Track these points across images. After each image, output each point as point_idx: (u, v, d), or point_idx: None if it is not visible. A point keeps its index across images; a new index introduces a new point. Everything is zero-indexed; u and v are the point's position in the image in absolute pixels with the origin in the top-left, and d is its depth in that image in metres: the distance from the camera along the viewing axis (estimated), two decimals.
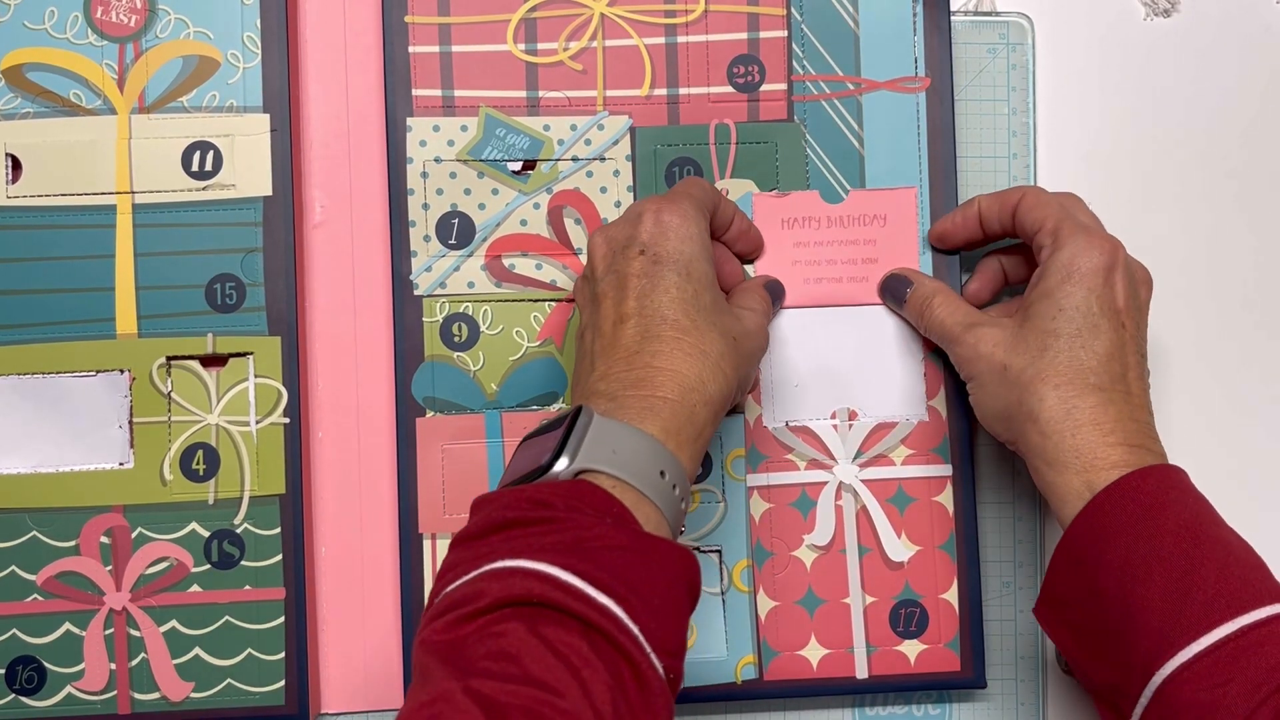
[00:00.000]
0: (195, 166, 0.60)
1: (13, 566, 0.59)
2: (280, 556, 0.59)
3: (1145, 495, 0.49)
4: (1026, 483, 0.63)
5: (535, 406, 0.61)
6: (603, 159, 0.62)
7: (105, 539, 0.59)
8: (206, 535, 0.59)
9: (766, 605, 0.61)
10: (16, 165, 0.60)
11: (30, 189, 0.60)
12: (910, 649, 0.61)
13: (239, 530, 0.60)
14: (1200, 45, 0.66)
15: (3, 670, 0.59)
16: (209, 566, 0.59)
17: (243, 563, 0.59)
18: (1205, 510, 0.50)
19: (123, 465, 0.60)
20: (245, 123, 0.60)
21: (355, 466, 0.61)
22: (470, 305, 0.61)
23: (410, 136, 0.61)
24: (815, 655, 0.61)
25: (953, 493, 0.61)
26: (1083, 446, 0.51)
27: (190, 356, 0.60)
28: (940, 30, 0.62)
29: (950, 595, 0.61)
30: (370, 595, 0.61)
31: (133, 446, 0.60)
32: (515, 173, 0.61)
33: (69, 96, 0.60)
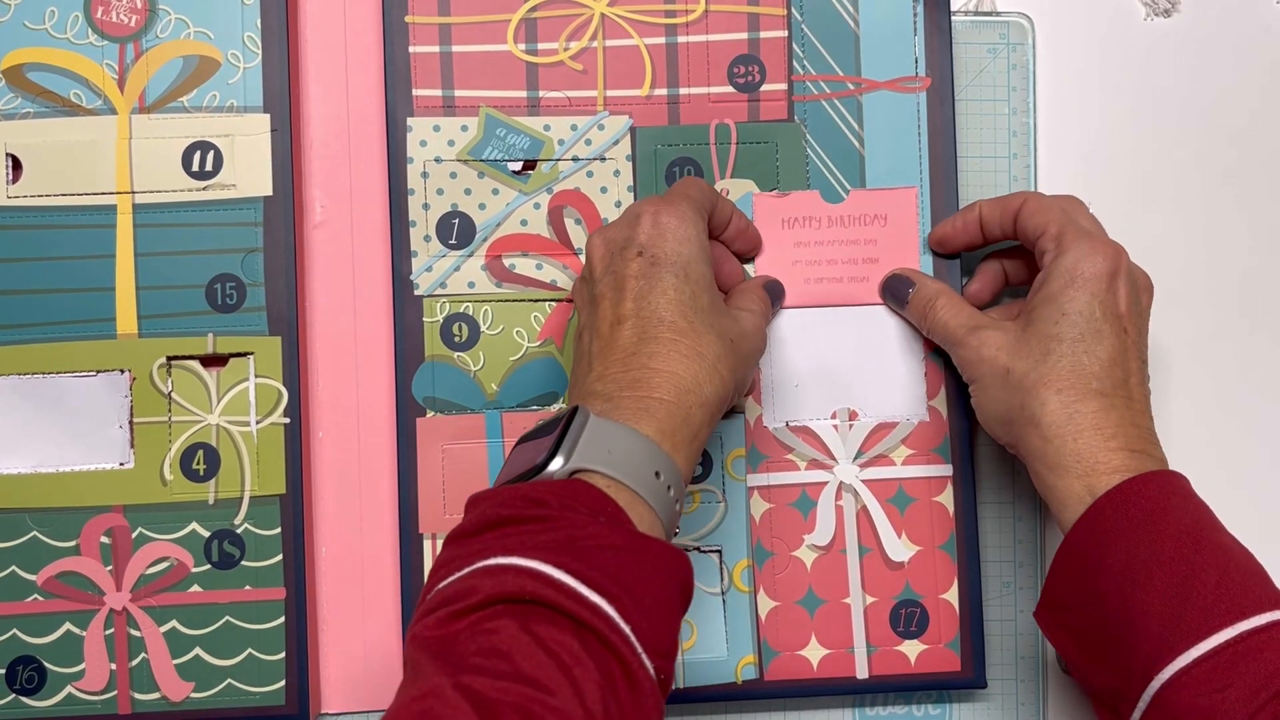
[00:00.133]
0: (195, 166, 0.60)
1: (13, 566, 0.59)
2: (280, 556, 0.59)
3: (1146, 500, 0.49)
4: (1026, 483, 0.63)
5: (535, 407, 0.61)
6: (603, 159, 0.62)
7: (105, 539, 0.59)
8: (207, 535, 0.59)
9: (767, 605, 0.61)
10: (17, 165, 0.60)
11: (30, 189, 0.60)
12: (910, 649, 0.61)
13: (239, 530, 0.59)
14: (1200, 45, 0.66)
15: (3, 670, 0.59)
16: (209, 566, 0.59)
17: (243, 563, 0.59)
18: (1206, 516, 0.50)
19: (123, 465, 0.60)
20: (245, 123, 0.60)
21: (355, 466, 0.61)
22: (470, 305, 0.61)
23: (410, 136, 0.61)
24: (815, 655, 0.61)
25: (953, 493, 0.61)
26: (1084, 451, 0.51)
27: (190, 356, 0.60)
28: (940, 30, 0.62)
29: (950, 595, 0.61)
30: (370, 595, 0.61)
31: (133, 446, 0.60)
32: (515, 173, 0.61)
33: (69, 96, 0.60)
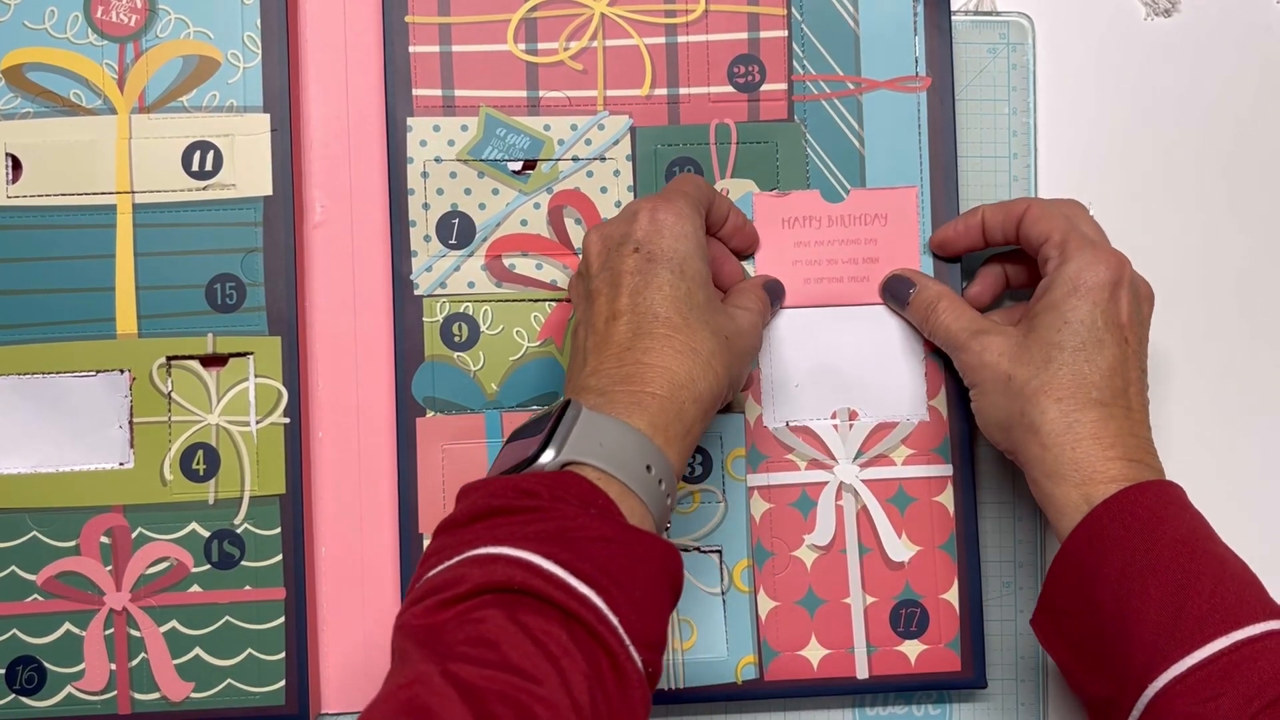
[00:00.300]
0: (195, 166, 0.60)
1: (13, 566, 0.59)
2: (280, 556, 0.59)
3: (1143, 510, 0.50)
4: (1026, 484, 0.63)
5: (535, 406, 0.61)
6: (603, 159, 0.62)
7: (105, 539, 0.59)
8: (206, 535, 0.59)
9: (767, 605, 0.61)
10: (16, 165, 0.60)
11: (30, 189, 0.60)
12: (911, 649, 0.61)
13: (239, 530, 0.59)
14: (1200, 45, 0.66)
15: (3, 670, 0.59)
16: (209, 566, 0.59)
17: (243, 563, 0.59)
18: (1201, 526, 0.50)
19: (123, 465, 0.60)
20: (245, 122, 0.60)
21: (355, 466, 0.61)
22: (470, 305, 0.61)
23: (410, 136, 0.61)
24: (816, 655, 0.61)
25: (953, 493, 0.61)
26: (1082, 460, 0.52)
27: (190, 356, 0.60)
28: (941, 30, 0.62)
29: (951, 595, 0.61)
30: (370, 595, 0.61)
31: (133, 446, 0.60)
32: (515, 172, 0.61)
33: (69, 96, 0.60)
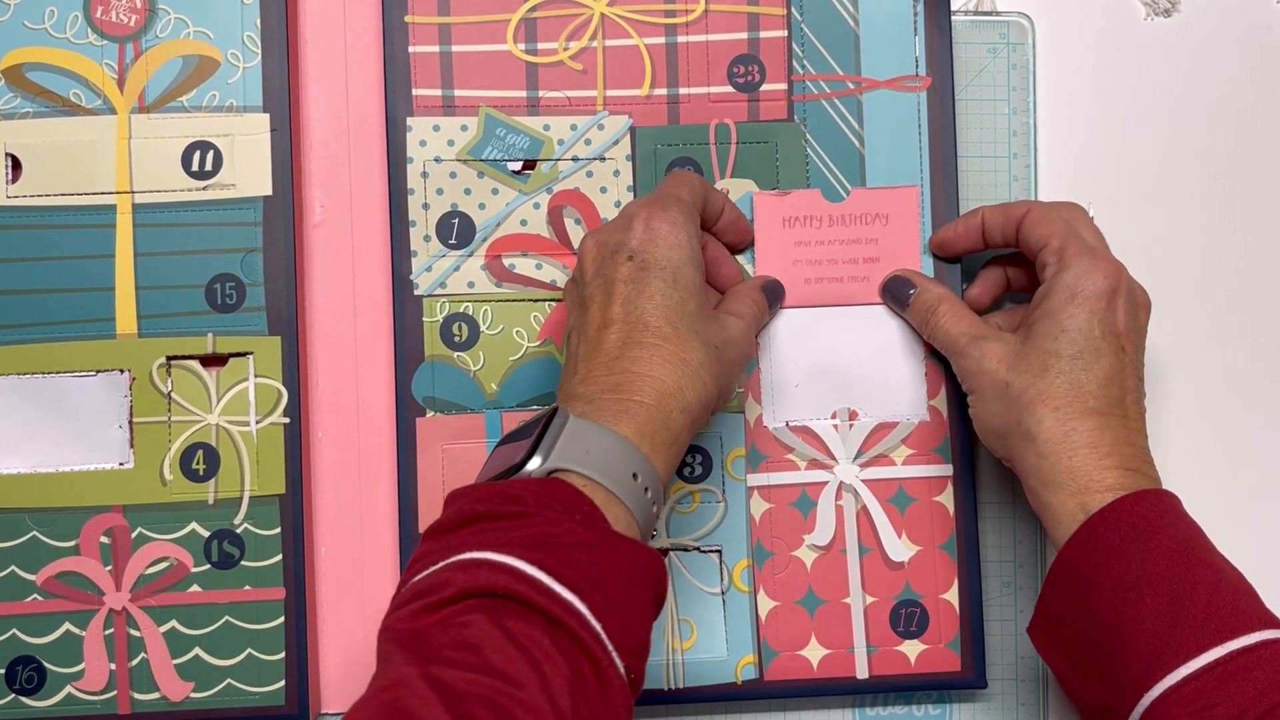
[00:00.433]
0: (195, 166, 0.60)
1: (13, 566, 0.59)
2: (280, 556, 0.59)
3: (1139, 518, 0.50)
4: None
5: (535, 406, 0.61)
6: (603, 159, 0.62)
7: (105, 539, 0.59)
8: (206, 535, 0.59)
9: (767, 605, 0.61)
10: (16, 165, 0.60)
11: (30, 189, 0.60)
12: (911, 649, 0.61)
13: (239, 530, 0.59)
14: (1200, 45, 0.66)
15: (3, 670, 0.59)
16: (209, 566, 0.59)
17: (243, 563, 0.59)
18: (1197, 535, 0.51)
19: (123, 465, 0.60)
20: (245, 122, 0.60)
21: (355, 466, 0.61)
22: (470, 305, 0.61)
23: (410, 136, 0.61)
24: (815, 655, 0.61)
25: (953, 493, 0.61)
26: (1078, 469, 0.52)
27: (190, 356, 0.60)
28: (941, 30, 0.62)
29: (951, 595, 0.61)
30: (370, 595, 0.61)
31: (133, 446, 0.60)
32: (515, 172, 0.61)
33: (69, 96, 0.60)
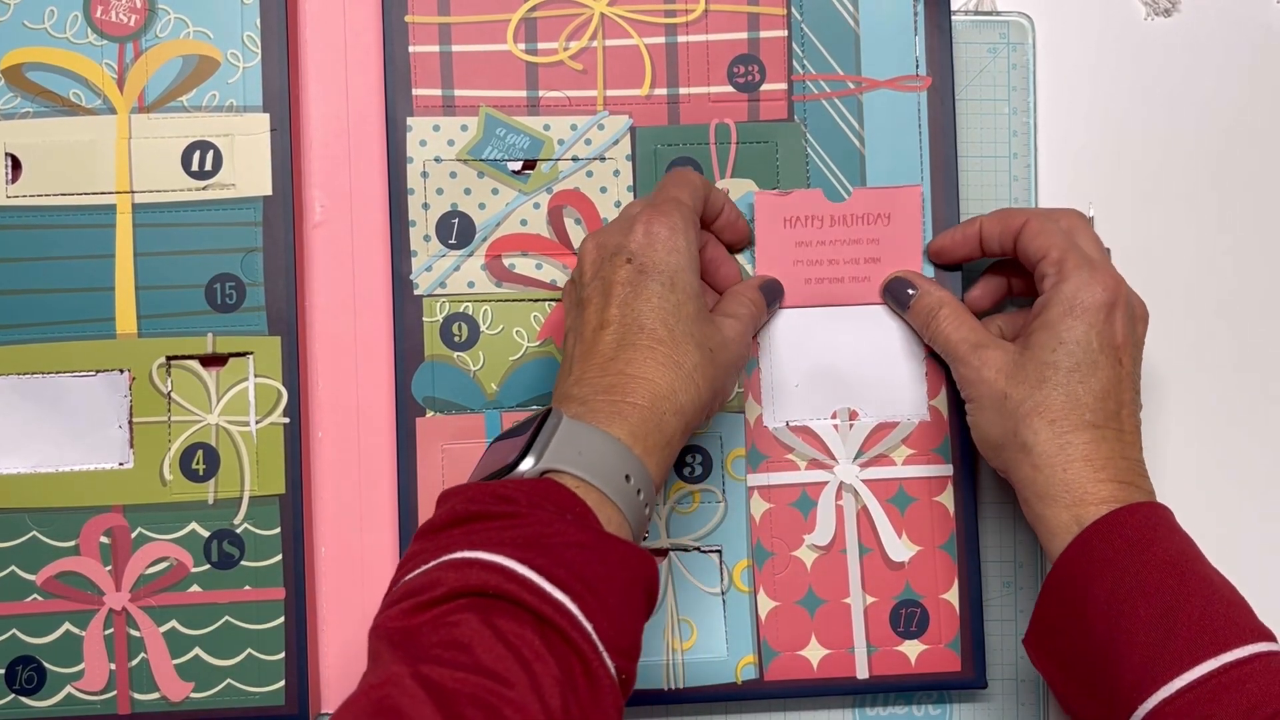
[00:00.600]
0: (195, 166, 0.60)
1: (12, 566, 0.59)
2: (280, 556, 0.59)
3: (1132, 531, 0.50)
4: None
5: (535, 406, 0.61)
6: (603, 159, 0.62)
7: (105, 539, 0.59)
8: (206, 535, 0.59)
9: (767, 605, 0.61)
10: (16, 165, 0.60)
11: (30, 189, 0.60)
12: (911, 649, 0.61)
13: (239, 530, 0.59)
14: (1200, 45, 0.66)
15: (2, 670, 0.59)
16: (209, 566, 0.59)
17: (243, 563, 0.59)
18: (1190, 548, 0.51)
19: (122, 465, 0.60)
20: (245, 122, 0.60)
21: (355, 466, 0.61)
22: (470, 305, 0.61)
23: (410, 136, 0.61)
24: (816, 655, 0.61)
25: (953, 493, 0.61)
26: (1073, 481, 0.52)
27: (190, 356, 0.60)
28: (941, 30, 0.62)
29: (951, 595, 0.61)
30: (370, 595, 0.61)
31: (132, 446, 0.60)
32: (515, 172, 0.61)
33: (69, 96, 0.60)
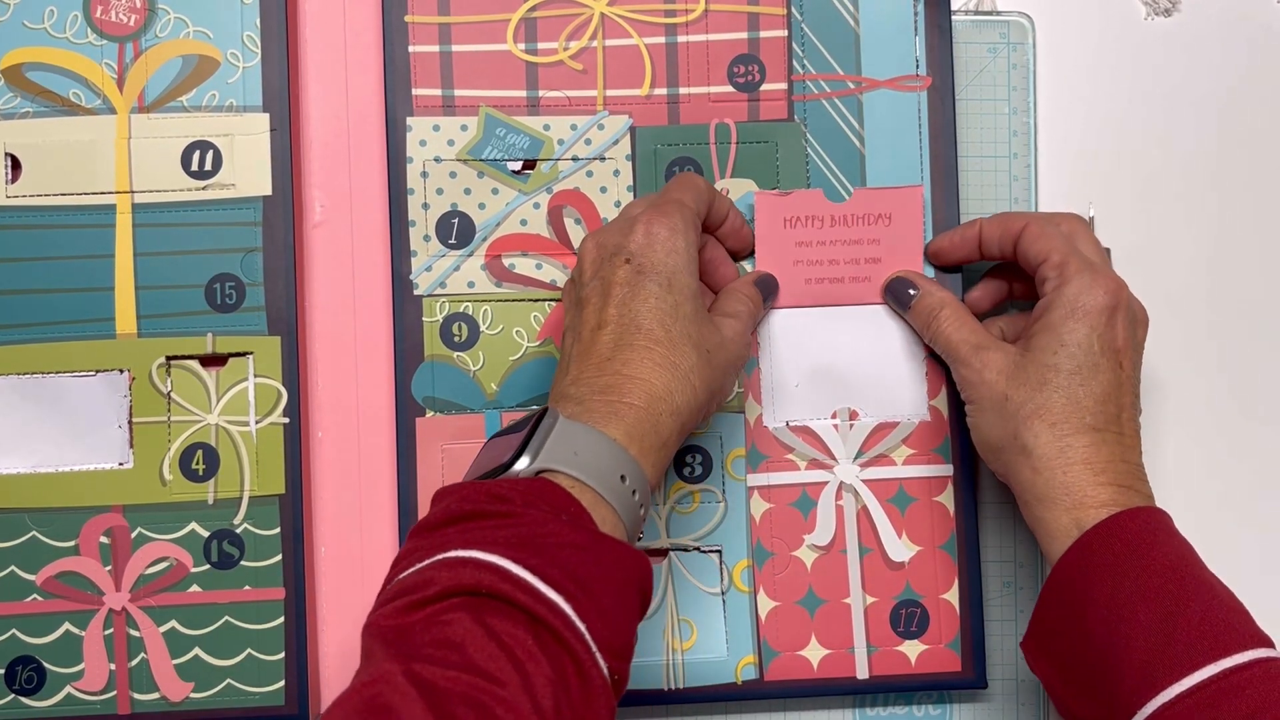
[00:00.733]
0: (195, 166, 0.60)
1: (12, 566, 0.59)
2: (280, 556, 0.59)
3: (1132, 535, 0.50)
4: None
5: (535, 407, 0.61)
6: (603, 159, 0.62)
7: (105, 539, 0.59)
8: (206, 535, 0.59)
9: (767, 605, 0.61)
10: (16, 165, 0.60)
11: (30, 189, 0.60)
12: (911, 649, 0.61)
13: (239, 530, 0.59)
14: (1201, 45, 0.66)
15: (2, 670, 0.58)
16: (209, 566, 0.59)
17: (242, 563, 0.59)
18: (1189, 553, 0.51)
19: (122, 465, 0.60)
20: (245, 122, 0.60)
21: (355, 466, 0.61)
22: (470, 305, 0.61)
23: (410, 136, 0.61)
24: (816, 655, 0.61)
25: (954, 493, 0.61)
26: (1073, 484, 0.52)
27: (190, 356, 0.60)
28: (941, 29, 0.62)
29: (951, 595, 0.61)
30: (370, 595, 0.61)
31: (132, 446, 0.60)
32: (515, 172, 0.61)
33: (68, 96, 0.60)
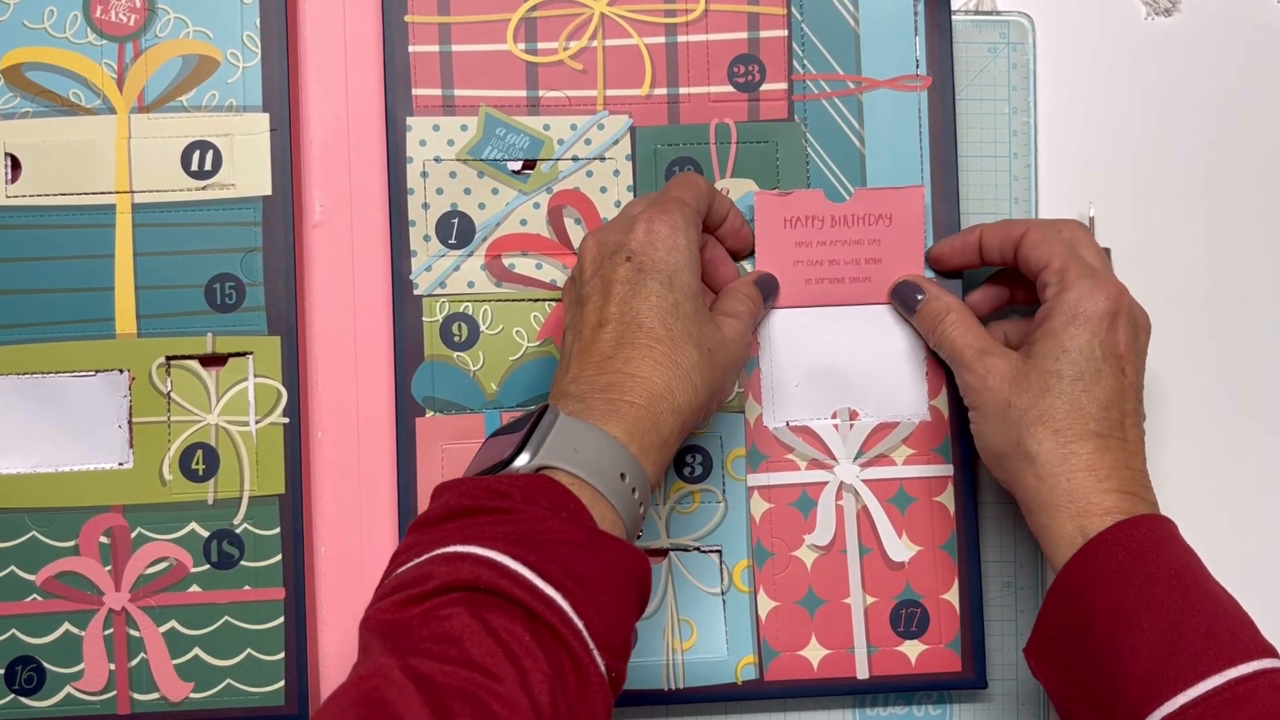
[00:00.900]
0: (195, 166, 0.60)
1: (12, 566, 0.59)
2: (280, 556, 0.59)
3: (1137, 543, 0.50)
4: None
5: (534, 407, 0.61)
6: (603, 158, 0.62)
7: (105, 539, 0.59)
8: (206, 535, 0.59)
9: (767, 605, 0.61)
10: (16, 165, 0.60)
11: (30, 188, 0.60)
12: (911, 649, 0.61)
13: (238, 530, 0.59)
14: (1201, 45, 0.66)
15: (2, 670, 0.58)
16: (208, 566, 0.59)
17: (242, 563, 0.59)
18: (1194, 561, 0.51)
19: (122, 465, 0.60)
20: (245, 122, 0.60)
21: (355, 466, 0.61)
22: (470, 305, 0.61)
23: (410, 136, 0.61)
24: (816, 655, 0.61)
25: (954, 493, 0.61)
26: (1077, 492, 0.52)
27: (190, 356, 0.60)
28: (941, 29, 0.62)
29: (951, 595, 0.61)
30: (370, 595, 0.61)
31: (132, 446, 0.60)
32: (515, 172, 0.61)
33: (68, 96, 0.60)
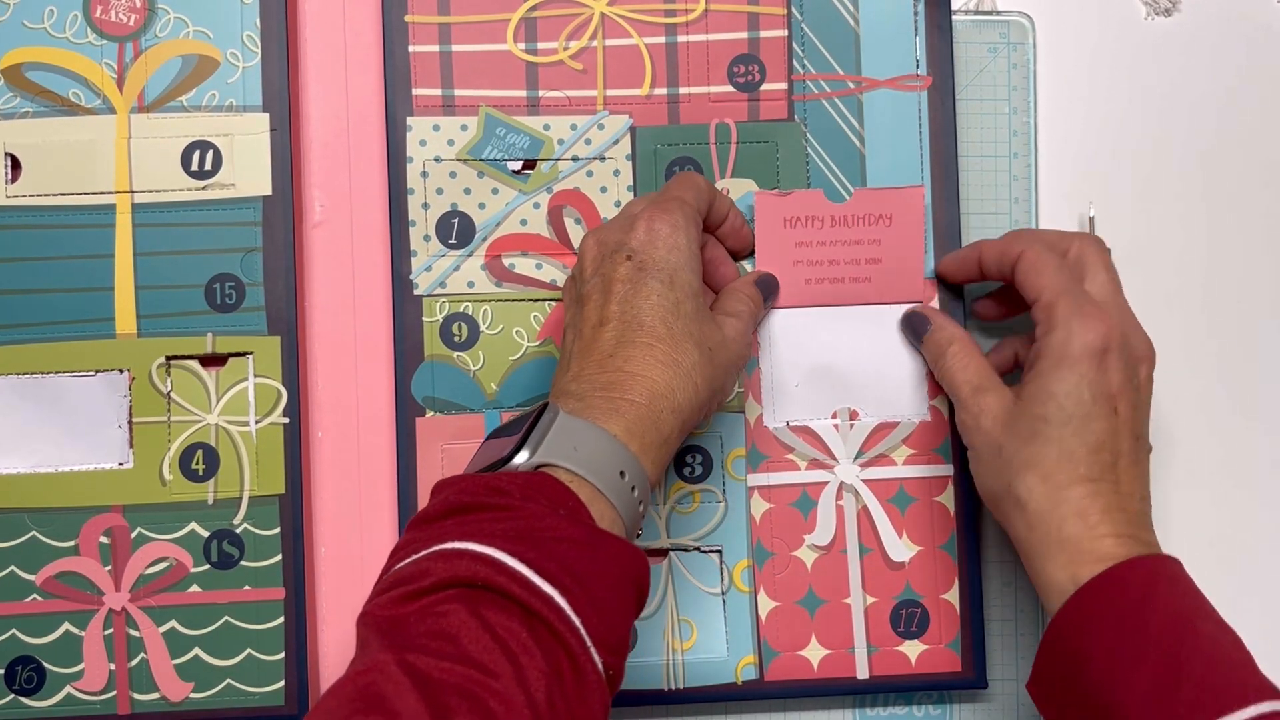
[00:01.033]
0: (195, 166, 0.60)
1: (12, 566, 0.59)
2: (280, 556, 0.59)
3: (1132, 589, 0.49)
4: None
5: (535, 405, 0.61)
6: (603, 158, 0.62)
7: (104, 539, 0.59)
8: (206, 535, 0.59)
9: (767, 605, 0.61)
10: (16, 165, 0.60)
11: (30, 188, 0.60)
12: (911, 649, 0.61)
13: (238, 530, 0.59)
14: (1201, 45, 0.66)
15: (2, 670, 0.58)
16: (208, 566, 0.59)
17: (242, 563, 0.59)
18: (1193, 601, 0.49)
19: (122, 465, 0.60)
20: (245, 122, 0.60)
21: (355, 466, 0.61)
22: (470, 305, 0.61)
23: (410, 136, 0.61)
24: (816, 655, 0.61)
25: (954, 492, 0.61)
26: (1068, 539, 0.51)
27: (190, 356, 0.60)
28: (941, 29, 0.62)
29: (951, 595, 0.61)
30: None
31: (132, 446, 0.60)
32: (515, 172, 0.61)
33: (68, 96, 0.60)
